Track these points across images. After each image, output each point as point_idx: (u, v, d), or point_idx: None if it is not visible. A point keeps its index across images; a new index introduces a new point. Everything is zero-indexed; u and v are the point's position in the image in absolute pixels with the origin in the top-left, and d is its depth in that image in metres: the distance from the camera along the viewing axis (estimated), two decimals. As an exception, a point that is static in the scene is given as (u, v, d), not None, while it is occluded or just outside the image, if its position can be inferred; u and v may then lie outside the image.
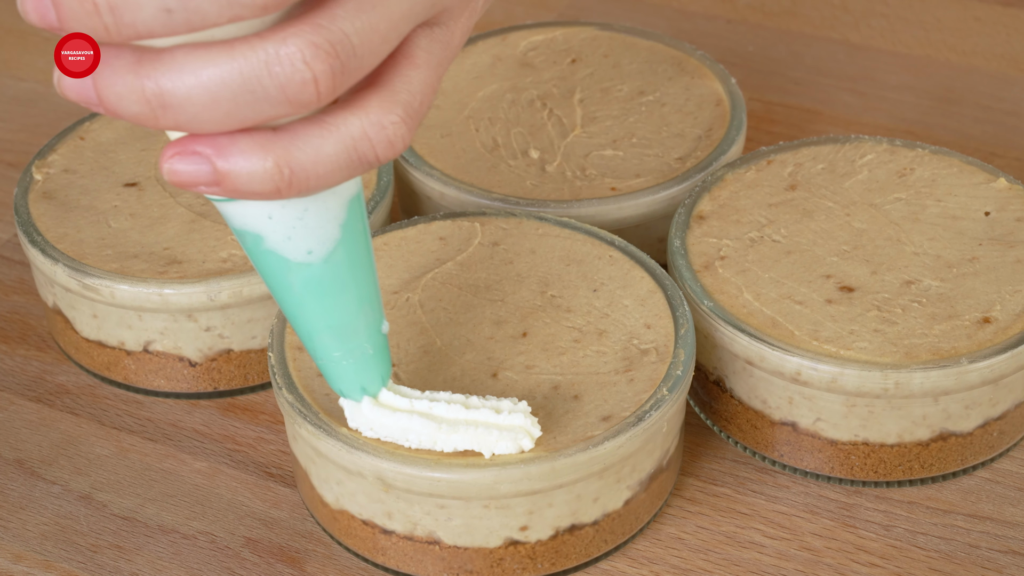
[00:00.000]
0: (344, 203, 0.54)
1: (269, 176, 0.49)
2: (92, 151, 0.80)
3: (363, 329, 0.58)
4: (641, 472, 0.64)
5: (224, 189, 0.49)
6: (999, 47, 1.01)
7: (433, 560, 0.64)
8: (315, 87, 0.47)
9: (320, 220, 0.54)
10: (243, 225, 0.53)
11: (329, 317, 0.57)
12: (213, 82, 0.46)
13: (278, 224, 0.53)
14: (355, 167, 0.50)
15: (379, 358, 0.59)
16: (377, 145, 0.49)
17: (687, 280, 0.69)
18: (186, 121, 0.47)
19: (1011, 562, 0.65)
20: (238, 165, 0.48)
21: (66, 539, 0.67)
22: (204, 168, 0.49)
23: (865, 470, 0.68)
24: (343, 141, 0.49)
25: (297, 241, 0.54)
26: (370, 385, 0.60)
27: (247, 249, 0.55)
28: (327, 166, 0.49)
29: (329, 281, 0.55)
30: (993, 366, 0.65)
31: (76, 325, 0.74)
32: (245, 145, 0.48)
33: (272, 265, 0.55)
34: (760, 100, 0.96)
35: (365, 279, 0.57)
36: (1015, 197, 0.74)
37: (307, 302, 0.56)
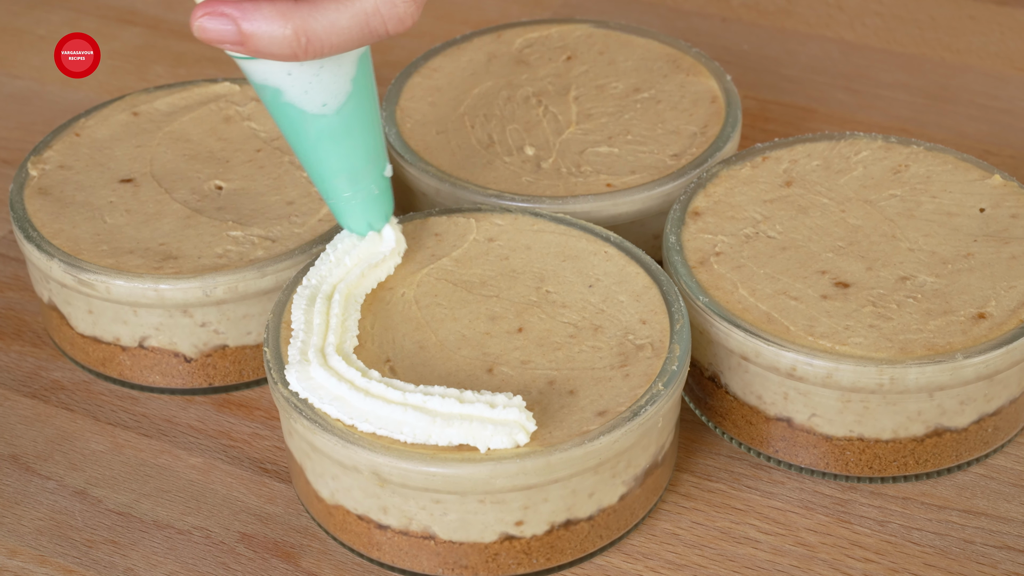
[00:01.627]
0: (355, 60, 0.62)
1: (287, 42, 0.56)
2: (87, 147, 0.80)
3: (370, 172, 0.67)
4: (636, 467, 0.64)
5: (246, 49, 0.56)
6: (993, 45, 1.02)
7: (428, 555, 0.64)
8: None
9: (334, 76, 0.62)
10: (264, 80, 0.61)
11: (341, 162, 0.65)
12: None
13: (296, 80, 0.61)
14: (366, 38, 0.56)
15: (383, 197, 0.68)
16: (388, 21, 0.56)
17: (682, 276, 0.69)
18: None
19: (1006, 557, 0.65)
20: (260, 29, 0.55)
21: (61, 534, 0.67)
22: (230, 28, 0.56)
23: (860, 466, 0.68)
24: (357, 15, 0.56)
25: (313, 95, 0.62)
26: (376, 221, 0.68)
27: (266, 102, 0.63)
28: (341, 36, 0.56)
29: (341, 130, 0.64)
30: (988, 362, 0.65)
31: (71, 321, 0.74)
32: (268, 12, 0.55)
33: (290, 117, 0.63)
34: (755, 98, 0.96)
35: (372, 128, 0.65)
36: (1010, 194, 0.74)
37: (321, 149, 0.64)
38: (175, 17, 1.07)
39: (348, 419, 0.61)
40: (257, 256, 0.72)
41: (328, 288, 0.66)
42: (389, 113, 0.82)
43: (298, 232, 0.73)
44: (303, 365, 0.62)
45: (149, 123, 0.81)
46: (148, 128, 0.81)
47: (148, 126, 0.81)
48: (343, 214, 0.68)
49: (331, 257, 0.68)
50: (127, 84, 0.99)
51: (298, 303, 0.66)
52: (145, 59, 1.02)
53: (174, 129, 0.81)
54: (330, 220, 0.74)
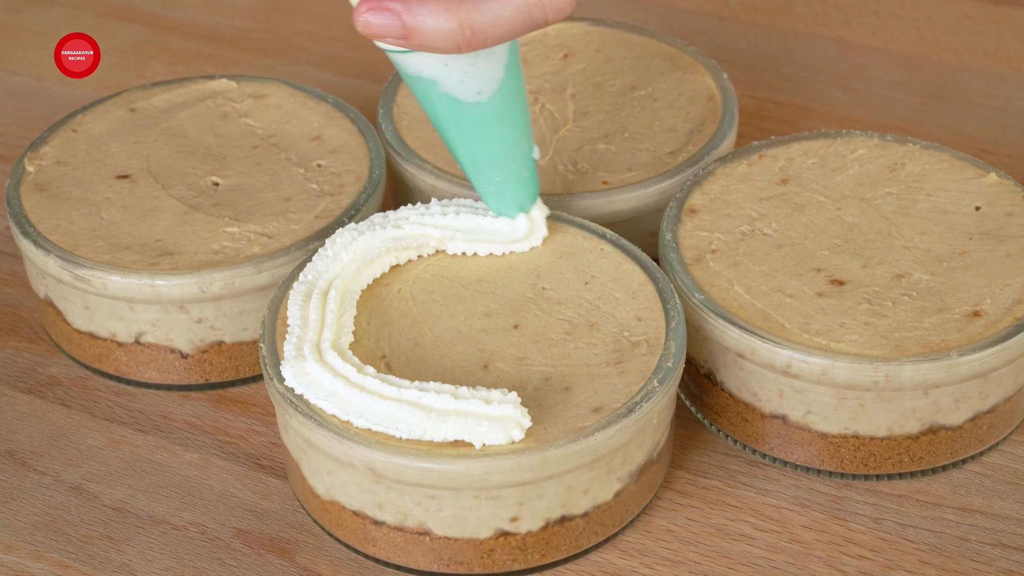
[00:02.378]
0: (507, 46, 0.63)
1: (452, 35, 0.57)
2: (84, 143, 0.80)
3: (520, 155, 0.68)
4: (631, 464, 0.64)
5: (410, 43, 0.57)
6: (990, 45, 1.02)
7: (423, 551, 0.64)
8: None
9: (489, 64, 0.62)
10: (419, 72, 0.62)
11: (493, 148, 0.66)
12: None
13: (453, 70, 0.62)
14: (528, 28, 0.57)
15: (532, 179, 0.69)
16: (549, 10, 0.57)
17: (678, 273, 0.69)
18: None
19: (1000, 555, 0.65)
20: (426, 23, 0.56)
21: (57, 530, 0.67)
22: (394, 23, 0.56)
23: (855, 463, 0.68)
24: (520, 6, 0.57)
25: (469, 84, 0.63)
26: (525, 203, 0.69)
27: (420, 93, 0.64)
28: (504, 27, 0.57)
29: (495, 116, 0.65)
30: (983, 359, 0.65)
31: (68, 317, 0.74)
32: (433, 6, 0.56)
33: (445, 106, 0.64)
34: (752, 97, 0.96)
35: (523, 112, 0.66)
36: (1006, 192, 0.74)
37: (475, 136, 0.66)
38: (173, 14, 1.07)
39: (344, 415, 0.61)
40: (253, 252, 0.72)
41: (324, 284, 0.66)
42: (386, 110, 0.82)
43: (294, 228, 0.73)
44: (299, 361, 0.62)
45: (146, 119, 0.82)
46: (145, 124, 0.81)
47: (145, 122, 0.81)
48: (494, 198, 0.69)
49: (328, 253, 0.68)
50: (125, 81, 0.99)
51: (294, 299, 0.66)
52: (143, 56, 1.02)
53: (171, 125, 0.81)
54: (326, 216, 0.74)
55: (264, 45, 1.03)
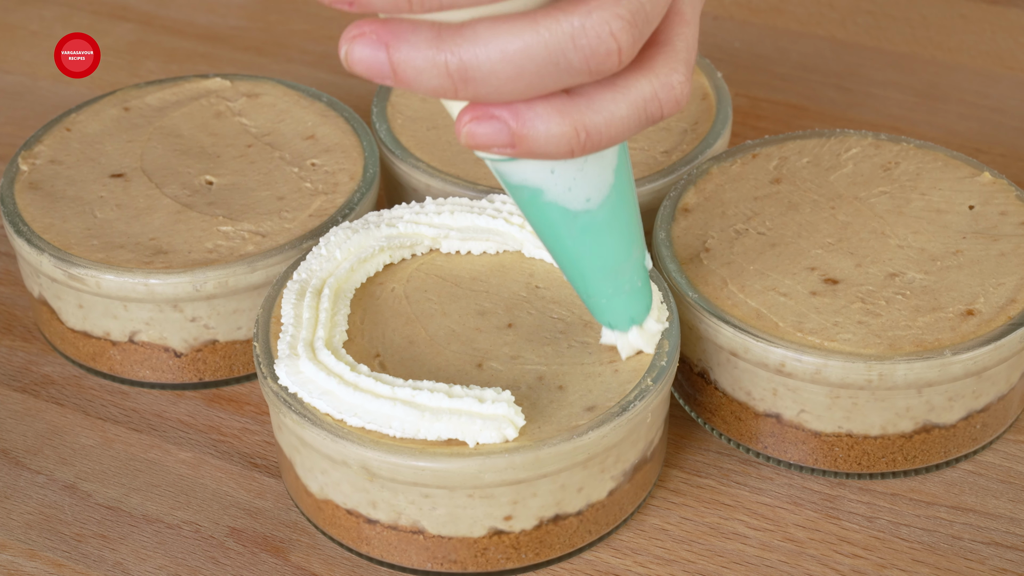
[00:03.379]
0: (616, 149, 0.57)
1: (566, 139, 0.51)
2: (78, 142, 0.80)
3: (632, 264, 0.62)
4: (625, 463, 0.64)
5: (519, 151, 0.51)
6: (984, 44, 1.02)
7: (417, 550, 0.64)
8: (618, 57, 0.49)
9: (597, 169, 0.56)
10: (523, 181, 0.56)
11: (604, 258, 0.60)
12: (518, 56, 0.48)
13: (560, 177, 0.56)
14: (643, 125, 0.52)
15: (645, 290, 0.63)
16: (665, 104, 0.52)
17: (672, 272, 0.69)
18: (487, 93, 0.49)
19: (993, 553, 0.65)
20: (536, 129, 0.50)
21: (51, 528, 0.67)
22: (502, 131, 0.51)
23: (849, 462, 0.68)
24: (635, 103, 0.51)
25: (577, 191, 0.56)
26: (638, 315, 0.64)
27: (523, 202, 0.57)
28: (619, 127, 0.51)
29: (605, 225, 0.58)
30: (976, 358, 0.65)
31: (62, 315, 0.74)
32: (543, 110, 0.50)
33: (551, 216, 0.57)
34: (746, 96, 0.96)
35: (635, 217, 0.60)
36: (999, 191, 0.74)
37: (584, 247, 0.59)
38: (167, 13, 1.07)
39: (337, 413, 0.61)
40: (247, 251, 0.72)
41: (318, 283, 0.66)
42: (380, 109, 0.82)
43: (288, 227, 0.73)
44: (292, 359, 0.62)
45: (140, 118, 0.82)
46: (139, 123, 0.81)
47: (139, 121, 0.81)
48: (605, 311, 0.63)
49: (322, 251, 0.68)
50: (119, 79, 0.99)
51: (288, 298, 0.66)
52: (137, 55, 1.02)
53: (165, 124, 0.81)
54: (321, 215, 0.74)
55: (258, 44, 1.03)
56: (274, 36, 1.04)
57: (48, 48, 1.03)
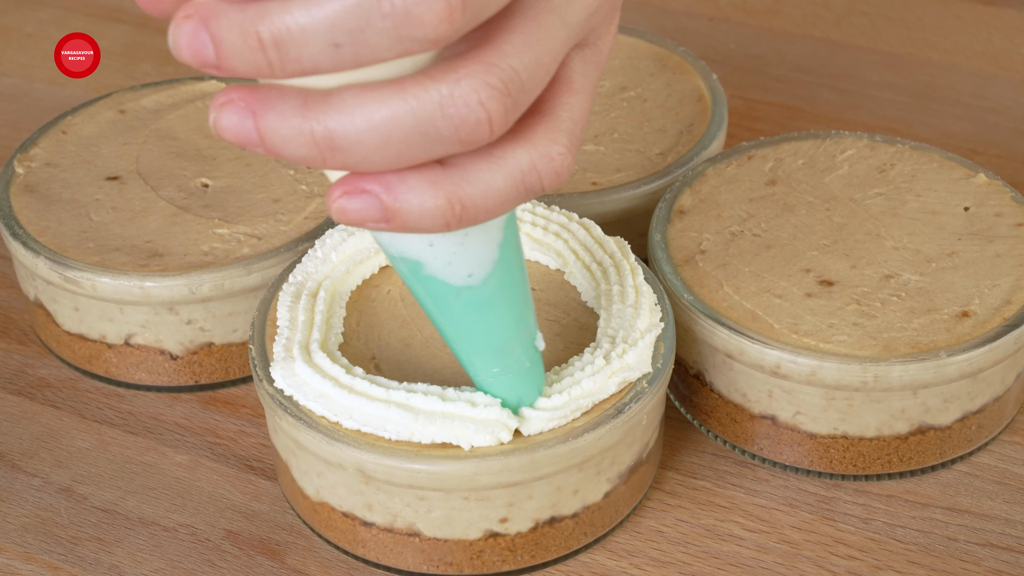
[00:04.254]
0: (501, 224, 0.54)
1: (440, 212, 0.48)
2: (74, 145, 0.80)
3: (520, 344, 0.59)
4: (621, 465, 0.64)
5: (393, 225, 0.49)
6: (980, 45, 1.02)
7: (413, 552, 0.64)
8: (489, 127, 0.46)
9: (479, 244, 0.54)
10: (401, 253, 0.54)
11: (489, 336, 0.58)
12: (385, 124, 0.46)
13: (439, 251, 0.53)
14: (521, 197, 0.49)
15: (535, 370, 0.60)
16: (544, 176, 0.49)
17: (667, 274, 0.69)
18: (355, 162, 0.47)
19: (989, 555, 0.65)
20: (409, 203, 0.48)
21: (47, 531, 0.67)
22: (374, 206, 0.48)
23: (844, 463, 0.68)
24: (512, 175, 0.49)
25: (458, 266, 0.54)
26: (527, 396, 0.61)
27: (404, 275, 0.55)
28: (496, 199, 0.49)
29: (489, 301, 0.56)
30: (971, 360, 0.65)
31: (57, 318, 0.74)
32: (415, 183, 0.48)
33: (432, 290, 0.55)
34: (742, 97, 0.97)
35: (522, 295, 0.58)
36: (994, 192, 0.74)
37: (467, 323, 0.57)
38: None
39: (333, 416, 0.61)
40: (243, 254, 0.72)
41: (313, 285, 0.66)
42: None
43: (284, 230, 0.73)
44: (288, 362, 0.62)
45: (136, 121, 0.82)
46: (135, 126, 0.81)
47: (135, 124, 0.81)
48: (490, 390, 0.60)
49: (317, 254, 0.68)
50: (115, 82, 0.99)
51: (283, 300, 0.66)
52: (133, 57, 1.02)
53: (161, 127, 0.81)
54: (316, 218, 0.74)
55: (254, 46, 1.03)
56: (270, 38, 1.04)
57: (44, 50, 1.03)
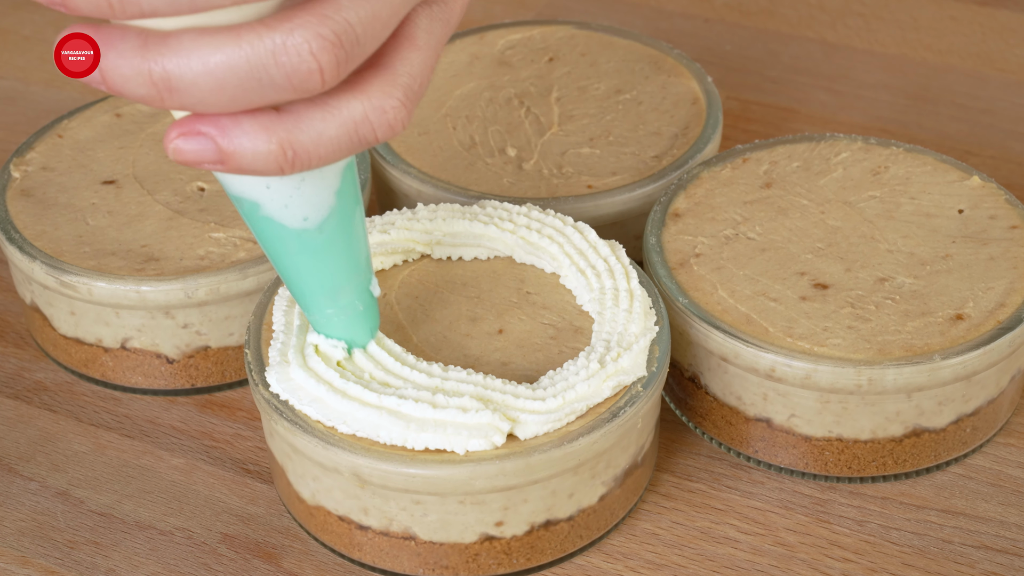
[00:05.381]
0: (338, 172, 0.56)
1: (273, 157, 0.50)
2: (70, 149, 0.80)
3: (354, 288, 0.61)
4: (616, 468, 0.64)
5: (228, 167, 0.50)
6: (974, 46, 1.02)
7: (409, 556, 0.64)
8: (320, 77, 0.48)
9: (316, 189, 0.56)
10: (240, 192, 0.55)
11: (323, 278, 0.60)
12: (220, 68, 0.48)
13: (275, 193, 0.55)
14: (355, 147, 0.51)
15: (368, 314, 0.63)
16: (378, 128, 0.51)
17: (662, 277, 0.70)
18: (192, 104, 0.49)
19: (984, 557, 0.66)
20: (242, 146, 0.50)
21: (43, 535, 0.67)
22: (209, 147, 0.50)
23: (839, 466, 0.68)
24: (345, 124, 0.51)
25: (294, 209, 0.56)
26: (359, 338, 0.63)
27: (244, 214, 0.57)
28: (328, 147, 0.51)
29: (324, 245, 0.58)
30: (966, 362, 0.66)
31: (54, 322, 0.74)
32: (249, 127, 0.50)
33: (268, 230, 0.57)
34: (737, 99, 0.97)
35: (357, 242, 0.60)
36: (988, 195, 0.74)
37: (302, 265, 0.59)
38: (159, 17, 1.07)
39: (327, 420, 0.61)
40: (239, 258, 0.72)
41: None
42: (371, 114, 0.82)
43: (280, 234, 0.73)
44: (283, 366, 0.63)
45: (132, 124, 0.82)
46: (131, 130, 0.81)
47: (131, 127, 0.81)
48: (324, 329, 0.63)
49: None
50: (111, 85, 0.98)
51: (279, 304, 0.66)
52: (129, 60, 1.02)
53: (157, 131, 0.81)
54: (312, 221, 0.74)
55: (250, 48, 1.03)
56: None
57: (40, 53, 1.03)
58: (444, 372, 0.62)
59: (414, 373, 0.62)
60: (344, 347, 0.63)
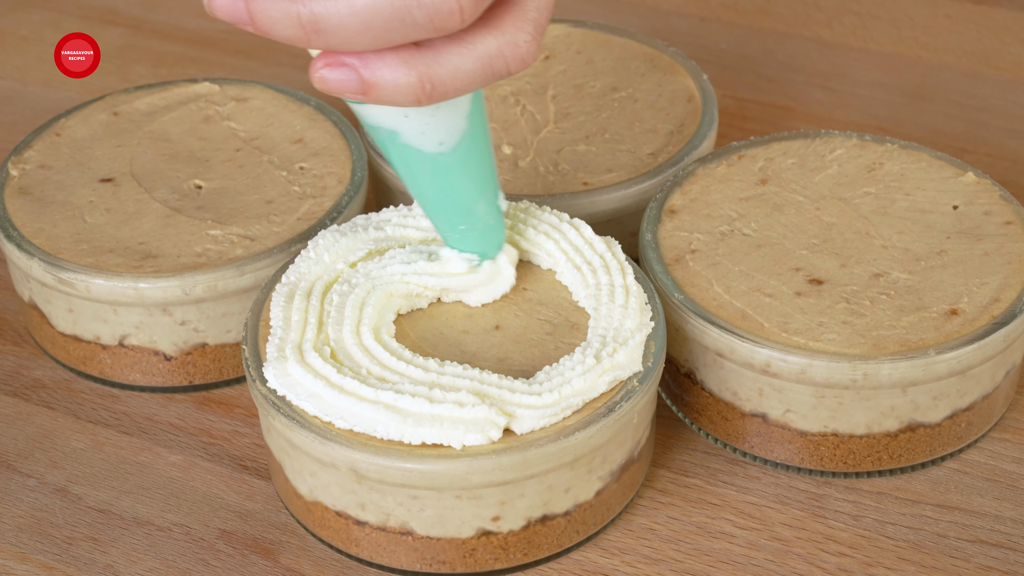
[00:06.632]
0: (469, 97, 0.60)
1: (412, 89, 0.54)
2: (68, 147, 0.80)
3: (485, 203, 0.65)
4: (612, 463, 0.65)
5: (369, 97, 0.54)
6: (969, 44, 1.02)
7: (406, 551, 0.64)
8: (460, 16, 0.52)
9: (450, 115, 0.60)
10: (379, 122, 0.60)
11: (457, 197, 0.64)
12: (365, 10, 0.51)
13: (413, 121, 0.60)
14: (488, 79, 0.55)
15: (497, 227, 0.67)
16: (511, 61, 0.55)
17: (658, 273, 0.70)
18: (336, 44, 0.52)
19: (979, 551, 0.66)
20: (384, 78, 0.54)
21: (41, 531, 0.68)
22: (352, 78, 0.54)
23: (834, 461, 0.69)
24: (480, 59, 0.54)
25: (430, 135, 0.60)
26: (490, 250, 0.67)
27: (380, 142, 0.61)
28: (464, 80, 0.55)
29: (458, 166, 0.62)
30: (960, 357, 0.66)
31: (52, 320, 0.75)
32: (391, 60, 0.54)
33: (406, 156, 0.62)
34: (733, 97, 0.97)
35: (487, 160, 0.64)
36: (983, 191, 0.74)
37: (438, 186, 0.63)
38: (157, 17, 1.07)
39: (325, 416, 0.61)
40: (236, 255, 0.72)
41: (306, 285, 0.67)
42: (368, 112, 0.82)
43: (277, 231, 0.74)
44: (280, 362, 0.63)
45: (129, 123, 0.82)
46: (128, 128, 0.81)
47: (128, 126, 0.82)
48: (457, 244, 0.67)
49: (310, 254, 0.68)
50: (108, 84, 0.99)
51: (277, 300, 0.66)
52: (126, 59, 1.03)
53: (154, 129, 0.81)
54: (309, 219, 0.74)
55: (247, 48, 1.04)
56: (262, 40, 1.04)
57: (38, 53, 1.03)
58: (440, 367, 0.62)
59: (411, 368, 0.62)
60: (477, 260, 0.67)
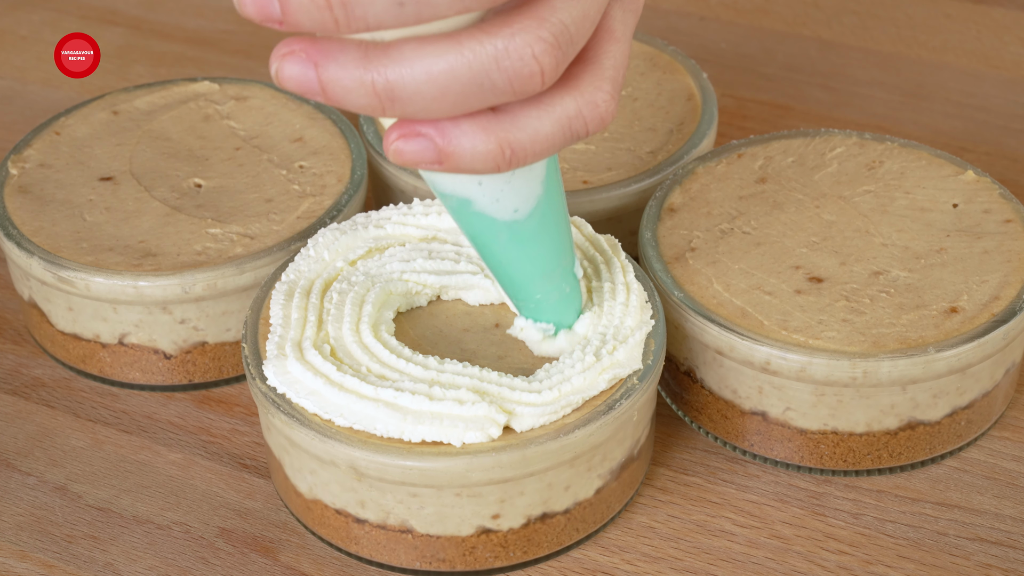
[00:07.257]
0: (545, 162, 0.58)
1: (491, 156, 0.52)
2: (68, 146, 0.80)
3: (561, 271, 0.63)
4: (612, 461, 0.65)
5: (446, 167, 0.52)
6: (969, 43, 1.02)
7: (406, 549, 0.64)
8: (541, 79, 0.49)
9: (525, 181, 0.57)
10: (451, 191, 0.57)
11: (532, 266, 0.62)
12: (442, 76, 0.49)
13: (487, 189, 0.57)
14: (567, 141, 0.53)
15: (573, 295, 0.64)
16: (590, 122, 0.52)
17: (658, 271, 0.70)
18: (413, 112, 0.50)
19: (978, 549, 0.66)
20: (461, 146, 0.51)
21: (41, 530, 0.68)
22: (429, 148, 0.51)
23: (834, 459, 0.69)
24: (559, 121, 0.52)
25: (504, 202, 0.57)
26: (566, 319, 0.65)
27: (453, 211, 0.58)
28: (544, 143, 0.52)
29: (533, 234, 0.60)
30: (960, 355, 0.66)
31: (52, 318, 0.75)
32: (468, 127, 0.51)
33: (479, 225, 0.59)
34: (732, 96, 0.97)
35: (563, 227, 0.62)
36: (983, 189, 0.74)
37: (512, 255, 0.61)
38: (156, 17, 1.07)
39: (324, 413, 0.61)
40: (236, 253, 0.72)
41: (306, 284, 0.67)
42: (368, 111, 0.82)
43: (276, 229, 0.74)
44: (280, 360, 0.63)
45: (129, 122, 0.82)
46: (128, 127, 0.81)
47: (128, 125, 0.82)
48: (534, 315, 0.65)
49: (310, 253, 0.68)
50: (108, 83, 0.99)
51: (276, 298, 0.66)
52: (126, 59, 1.03)
53: (154, 127, 0.81)
54: (308, 217, 0.74)
55: (246, 47, 1.04)
56: (262, 39, 1.04)
57: (38, 52, 1.03)
58: (440, 365, 0.62)
59: (410, 366, 0.62)
60: (552, 330, 0.65)
